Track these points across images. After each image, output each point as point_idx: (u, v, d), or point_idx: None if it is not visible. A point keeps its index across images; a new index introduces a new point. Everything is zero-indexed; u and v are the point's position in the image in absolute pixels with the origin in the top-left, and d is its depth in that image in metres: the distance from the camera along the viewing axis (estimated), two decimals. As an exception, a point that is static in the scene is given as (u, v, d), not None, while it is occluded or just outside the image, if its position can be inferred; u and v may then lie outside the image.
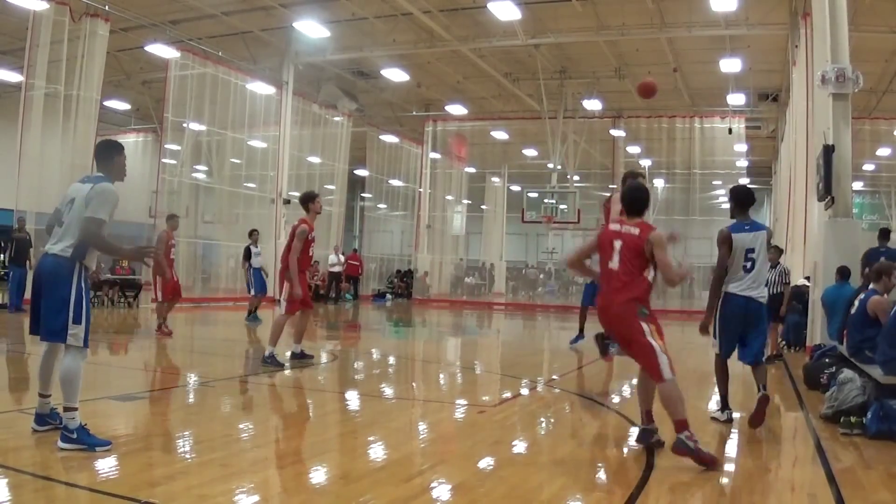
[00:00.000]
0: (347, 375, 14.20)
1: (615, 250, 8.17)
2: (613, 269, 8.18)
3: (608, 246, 8.25)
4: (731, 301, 9.87)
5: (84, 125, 26.19)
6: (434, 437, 9.41)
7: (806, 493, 7.00)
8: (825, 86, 16.40)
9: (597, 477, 7.49)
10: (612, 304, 8.27)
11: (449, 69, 36.88)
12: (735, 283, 9.84)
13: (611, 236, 8.28)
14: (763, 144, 46.06)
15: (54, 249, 7.49)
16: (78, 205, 7.50)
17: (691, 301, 42.35)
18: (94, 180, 7.68)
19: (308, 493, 6.55)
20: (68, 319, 7.37)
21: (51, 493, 6.02)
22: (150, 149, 45.00)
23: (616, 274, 8.16)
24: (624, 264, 8.11)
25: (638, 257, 8.08)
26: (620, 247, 8.15)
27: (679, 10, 28.25)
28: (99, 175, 7.82)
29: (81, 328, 7.44)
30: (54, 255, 7.46)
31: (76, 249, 7.45)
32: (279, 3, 29.13)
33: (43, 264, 7.57)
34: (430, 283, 45.54)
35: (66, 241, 7.47)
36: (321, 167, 39.78)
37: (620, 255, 8.13)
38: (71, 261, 7.44)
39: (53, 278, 7.43)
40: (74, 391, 7.39)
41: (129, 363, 15.39)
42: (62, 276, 7.42)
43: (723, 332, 9.98)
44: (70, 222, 7.50)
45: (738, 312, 9.87)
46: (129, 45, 32.18)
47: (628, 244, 8.12)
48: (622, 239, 8.16)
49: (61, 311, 7.37)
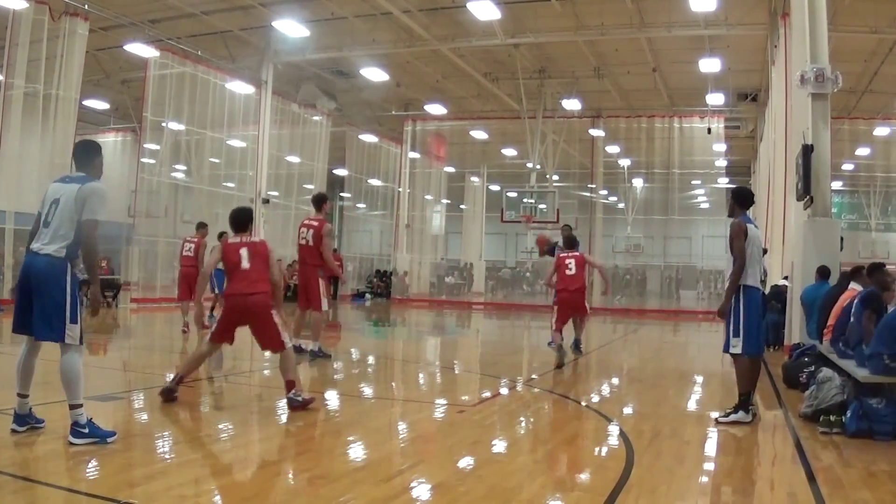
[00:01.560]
0: (327, 375, 14.17)
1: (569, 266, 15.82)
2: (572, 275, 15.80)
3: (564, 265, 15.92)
4: (754, 294, 10.14)
5: (63, 124, 26.18)
6: (413, 437, 9.39)
7: (785, 492, 7.02)
8: (804, 86, 16.45)
9: (577, 476, 7.49)
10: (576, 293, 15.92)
11: (428, 69, 36.88)
12: (752, 276, 10.11)
13: (564, 259, 16.04)
14: (742, 144, 46.25)
15: (47, 250, 7.45)
16: (65, 205, 7.48)
17: (670, 301, 42.47)
18: (79, 180, 7.65)
19: (287, 494, 6.56)
20: (66, 319, 7.40)
21: (30, 494, 5.99)
22: (129, 148, 44.81)
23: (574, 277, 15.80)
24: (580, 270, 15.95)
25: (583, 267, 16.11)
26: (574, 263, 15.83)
27: (658, 10, 28.30)
28: (82, 175, 7.78)
29: (78, 327, 7.50)
30: (47, 256, 7.43)
31: (70, 249, 7.47)
32: (258, 3, 29.08)
33: (34, 264, 7.50)
34: (409, 283, 45.52)
35: (57, 241, 7.45)
36: (300, 167, 39.73)
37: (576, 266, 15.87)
38: (65, 261, 7.45)
39: (48, 279, 7.41)
40: (78, 388, 7.47)
41: (109, 363, 15.33)
42: (57, 276, 7.43)
43: (751, 327, 10.06)
44: (60, 223, 7.47)
45: (760, 304, 10.27)
46: (109, 45, 32.08)
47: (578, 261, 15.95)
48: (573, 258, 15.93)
49: (58, 311, 7.40)
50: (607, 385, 14.36)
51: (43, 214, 7.60)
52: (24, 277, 7.60)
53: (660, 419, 10.36)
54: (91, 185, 7.58)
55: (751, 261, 10.06)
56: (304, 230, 14.87)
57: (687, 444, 8.85)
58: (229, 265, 10.33)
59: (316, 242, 14.55)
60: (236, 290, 10.14)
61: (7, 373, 12.96)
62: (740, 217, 10.34)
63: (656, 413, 11.01)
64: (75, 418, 7.37)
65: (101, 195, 7.58)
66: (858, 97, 35.79)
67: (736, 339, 10.02)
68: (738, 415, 9.98)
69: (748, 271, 10.03)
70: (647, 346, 23.38)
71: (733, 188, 11.65)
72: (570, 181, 46.11)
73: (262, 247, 10.44)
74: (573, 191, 45.41)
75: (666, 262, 48.58)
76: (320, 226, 14.63)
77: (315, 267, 14.72)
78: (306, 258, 14.91)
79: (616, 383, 14.77)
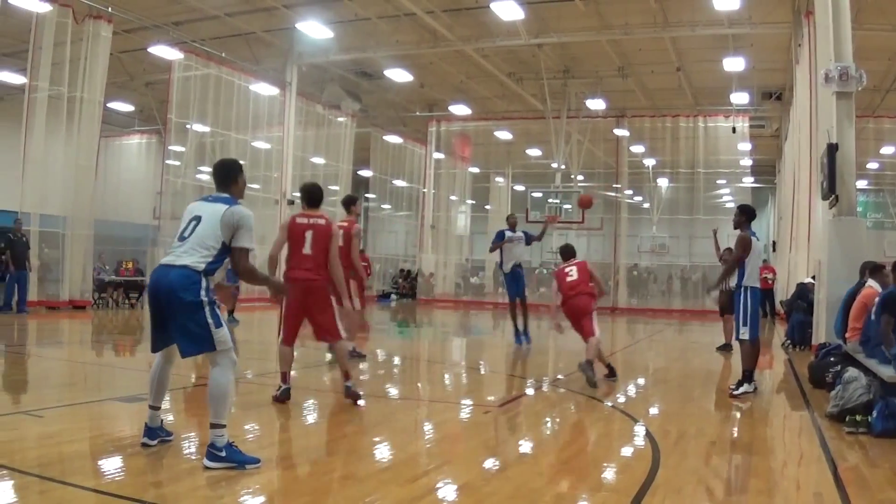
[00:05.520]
0: (353, 376, 14.18)
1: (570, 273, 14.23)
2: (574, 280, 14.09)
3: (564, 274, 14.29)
4: (755, 293, 12.35)
5: (88, 127, 26.29)
6: (440, 438, 9.40)
7: (811, 492, 6.98)
8: (828, 84, 16.40)
9: (602, 477, 7.46)
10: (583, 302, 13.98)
11: (452, 69, 36.93)
12: (753, 279, 12.33)
13: (564, 269, 14.44)
14: (767, 143, 46.11)
15: (182, 261, 7.13)
16: (208, 223, 7.23)
17: (696, 301, 42.36)
18: (224, 201, 7.42)
19: (313, 494, 6.53)
20: (209, 326, 7.09)
21: (56, 495, 5.99)
22: (153, 150, 44.99)
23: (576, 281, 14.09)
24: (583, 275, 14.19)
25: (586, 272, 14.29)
26: (575, 269, 14.23)
27: (682, 10, 28.27)
28: (226, 196, 7.54)
29: (224, 330, 7.18)
30: (183, 267, 7.10)
31: (209, 266, 7.19)
32: (282, 4, 29.20)
33: (168, 277, 7.15)
34: (434, 283, 45.49)
35: (195, 254, 7.15)
36: (325, 168, 39.82)
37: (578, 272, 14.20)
38: (201, 274, 7.12)
39: (180, 290, 7.07)
40: (224, 407, 7.10)
41: (135, 364, 15.38)
42: (190, 285, 7.08)
43: (755, 319, 12.26)
44: (199, 239, 7.20)
45: (759, 300, 12.58)
46: (133, 47, 32.22)
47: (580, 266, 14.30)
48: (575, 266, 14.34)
49: (201, 321, 7.10)
50: (633, 385, 14.31)
51: (180, 230, 7.35)
52: (152, 292, 7.31)
53: (686, 419, 10.35)
54: (238, 209, 7.33)
55: (752, 267, 12.32)
56: None
57: (713, 444, 8.83)
58: (292, 245, 10.46)
59: (346, 243, 14.64)
60: (297, 275, 10.24)
61: (36, 375, 13.08)
62: (748, 231, 12.44)
63: (682, 413, 11.01)
64: (213, 439, 6.99)
65: (249, 223, 7.34)
66: (883, 95, 35.54)
67: (744, 328, 12.18)
68: (745, 387, 12.15)
69: (750, 275, 12.28)
70: (673, 347, 23.33)
71: (741, 205, 13.35)
72: (595, 181, 46.00)
73: (326, 229, 10.51)
74: (598, 190, 45.24)
75: (691, 262, 48.36)
76: (350, 227, 14.72)
77: (347, 268, 14.81)
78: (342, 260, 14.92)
79: (642, 383, 14.72)
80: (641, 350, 21.87)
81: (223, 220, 7.20)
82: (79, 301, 26.14)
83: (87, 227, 26.50)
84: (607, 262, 44.53)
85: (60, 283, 25.90)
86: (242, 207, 7.42)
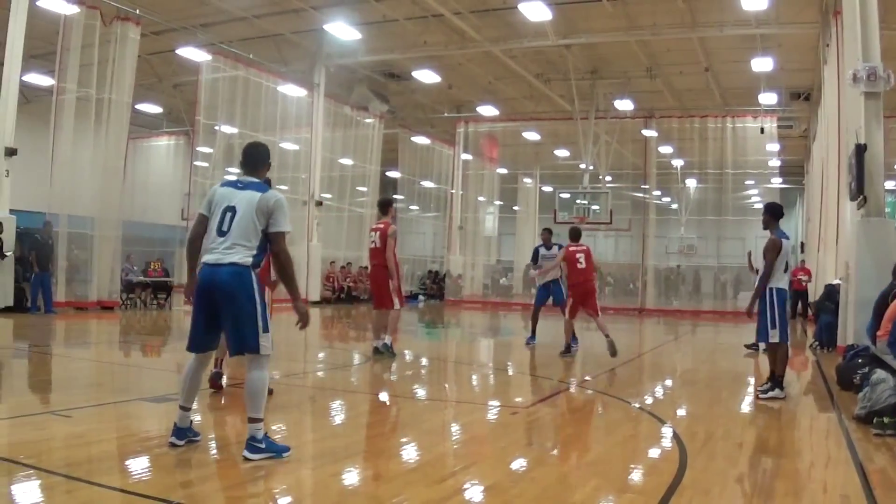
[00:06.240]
0: (380, 376, 14.22)
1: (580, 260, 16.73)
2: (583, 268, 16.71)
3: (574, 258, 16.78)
4: (782, 294, 12.11)
5: (116, 128, 26.38)
6: (467, 439, 9.39)
7: (839, 495, 6.95)
8: (856, 84, 16.34)
9: (629, 478, 7.44)
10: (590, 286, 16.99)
11: (480, 70, 36.91)
12: (778, 280, 12.06)
13: (574, 253, 16.89)
14: (795, 144, 45.83)
15: (230, 259, 7.20)
16: (245, 213, 7.26)
17: (724, 302, 42.23)
18: (255, 187, 7.44)
19: (341, 494, 6.55)
20: (259, 329, 7.21)
21: (83, 495, 6.01)
22: (181, 151, 45.12)
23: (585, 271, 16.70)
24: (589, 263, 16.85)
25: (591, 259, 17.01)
26: (584, 257, 16.73)
27: (710, 10, 28.14)
28: (255, 180, 7.54)
29: (269, 336, 7.32)
30: (232, 265, 7.18)
31: (255, 259, 7.29)
32: (310, 6, 29.21)
33: (220, 275, 7.22)
34: (462, 285, 45.47)
35: (241, 250, 7.22)
36: (353, 169, 39.97)
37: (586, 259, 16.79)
38: (251, 269, 7.24)
39: (238, 290, 7.17)
40: (261, 402, 7.30)
41: (162, 365, 15.46)
42: (245, 285, 7.19)
43: (784, 321, 12.04)
44: (240, 231, 7.25)
45: (785, 301, 12.25)
46: (161, 49, 32.37)
47: (586, 254, 16.89)
48: (583, 252, 16.86)
49: (251, 321, 7.21)
50: (661, 387, 14.30)
51: (215, 222, 7.34)
52: (204, 292, 7.33)
53: (713, 421, 10.34)
54: (272, 194, 7.37)
55: (779, 269, 12.04)
56: (373, 233, 15.83)
57: (740, 446, 8.79)
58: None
59: (382, 244, 15.30)
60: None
61: (64, 375, 13.15)
62: (776, 232, 12.17)
63: (710, 415, 10.98)
64: (253, 432, 7.23)
65: (284, 207, 7.39)
66: (911, 96, 35.36)
67: (773, 330, 11.96)
68: (775, 392, 11.93)
69: (776, 277, 12.02)
70: (701, 348, 23.26)
71: (767, 203, 13.12)
72: (624, 182, 45.94)
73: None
74: (626, 191, 45.23)
75: (720, 264, 48.16)
76: (386, 228, 15.45)
77: (384, 268, 15.25)
78: (375, 260, 15.79)
79: (669, 385, 14.69)
80: (669, 351, 21.81)
81: (258, 207, 7.26)
82: (107, 302, 26.22)
83: (115, 228, 26.59)
84: (635, 264, 44.45)
85: (88, 283, 25.98)
86: (275, 192, 7.52)
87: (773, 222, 12.31)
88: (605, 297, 46.28)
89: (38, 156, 25.50)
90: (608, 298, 44.22)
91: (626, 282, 52.05)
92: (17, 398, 10.31)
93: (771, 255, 11.96)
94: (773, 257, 11.95)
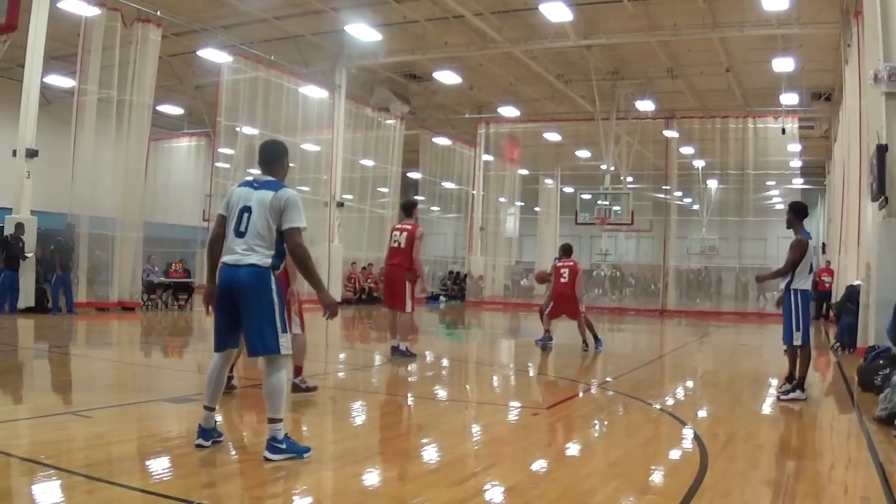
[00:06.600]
0: (402, 377, 14.23)
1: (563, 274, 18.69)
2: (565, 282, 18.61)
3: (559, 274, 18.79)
4: (805, 295, 12.00)
5: (137, 130, 26.45)
6: (487, 440, 9.38)
7: (859, 496, 6.93)
8: (878, 84, 16.24)
9: (650, 479, 7.42)
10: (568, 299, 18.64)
11: (501, 71, 36.94)
12: (801, 281, 11.94)
13: (560, 267, 18.88)
14: (816, 144, 45.74)
15: (249, 259, 7.23)
16: (260, 213, 7.28)
17: (745, 303, 42.12)
18: (270, 186, 7.44)
19: (362, 495, 6.54)
20: (278, 330, 7.24)
21: (104, 495, 6.02)
22: (203, 152, 45.33)
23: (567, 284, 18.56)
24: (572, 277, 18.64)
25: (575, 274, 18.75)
26: (568, 272, 18.69)
27: (731, 10, 28.09)
28: (271, 179, 7.55)
29: (288, 337, 7.36)
30: (251, 266, 7.21)
31: (273, 259, 7.31)
32: (330, 7, 29.27)
33: (236, 277, 7.26)
34: (483, 286, 45.46)
35: (259, 251, 7.24)
36: (374, 170, 40.03)
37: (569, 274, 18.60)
38: (270, 270, 7.27)
39: (257, 291, 7.21)
40: (281, 403, 7.32)
41: (183, 365, 15.52)
42: (264, 286, 7.22)
43: (807, 322, 11.94)
44: (256, 231, 7.27)
45: (809, 302, 12.16)
46: (182, 50, 32.53)
47: (571, 269, 18.71)
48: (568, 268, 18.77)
49: (270, 322, 7.22)
50: (681, 388, 14.28)
51: (233, 223, 7.37)
52: (224, 292, 7.36)
53: (734, 422, 10.30)
54: (284, 192, 7.35)
55: (802, 269, 11.91)
56: (397, 233, 15.88)
57: (761, 447, 8.76)
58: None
59: (408, 246, 15.40)
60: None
61: (85, 376, 13.20)
62: (802, 232, 12.10)
63: (731, 416, 10.94)
64: (273, 433, 7.21)
65: (296, 203, 7.35)
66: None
67: (798, 332, 11.87)
68: (797, 393, 11.81)
69: (801, 278, 11.92)
70: (723, 349, 23.17)
71: (791, 202, 12.87)
72: (645, 182, 45.94)
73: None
74: (647, 192, 45.28)
75: (741, 264, 48.06)
76: (413, 230, 15.67)
77: (403, 269, 15.30)
78: (395, 260, 15.76)
79: (690, 386, 14.68)
80: (691, 352, 21.75)
81: (271, 207, 7.27)
82: (128, 302, 26.27)
83: (136, 229, 26.64)
84: (657, 265, 44.39)
85: (110, 284, 26.00)
86: (287, 189, 7.48)
87: (797, 222, 12.20)
88: (626, 298, 46.29)
89: (60, 157, 25.62)
90: (629, 300, 44.18)
91: (647, 283, 52.02)
92: (38, 398, 10.36)
93: (796, 253, 11.84)
94: (797, 256, 11.81)
